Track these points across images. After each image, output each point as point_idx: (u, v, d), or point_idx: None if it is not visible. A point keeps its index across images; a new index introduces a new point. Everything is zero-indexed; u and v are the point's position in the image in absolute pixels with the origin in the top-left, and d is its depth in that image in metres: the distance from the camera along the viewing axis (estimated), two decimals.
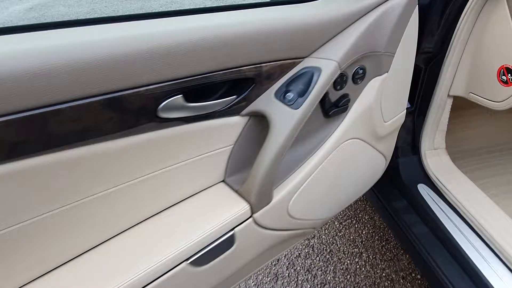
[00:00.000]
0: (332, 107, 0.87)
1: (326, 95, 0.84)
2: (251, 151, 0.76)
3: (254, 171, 0.72)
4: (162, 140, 0.67)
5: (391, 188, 1.43)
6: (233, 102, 0.71)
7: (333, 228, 1.81)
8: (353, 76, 0.87)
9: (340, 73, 0.84)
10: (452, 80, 1.27)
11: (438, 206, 1.28)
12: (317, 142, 0.89)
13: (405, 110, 1.10)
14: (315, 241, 1.76)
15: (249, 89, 0.71)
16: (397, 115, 1.07)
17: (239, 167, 0.80)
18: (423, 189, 1.35)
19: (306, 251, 1.71)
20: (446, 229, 1.20)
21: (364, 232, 1.79)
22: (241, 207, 0.75)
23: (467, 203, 1.22)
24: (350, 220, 1.85)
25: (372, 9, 0.83)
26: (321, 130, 0.89)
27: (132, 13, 0.64)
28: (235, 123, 0.75)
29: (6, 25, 0.59)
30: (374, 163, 1.10)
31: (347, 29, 0.81)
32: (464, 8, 1.13)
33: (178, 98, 0.62)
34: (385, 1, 0.85)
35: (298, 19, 0.73)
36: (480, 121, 1.75)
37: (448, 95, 1.31)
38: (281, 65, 0.74)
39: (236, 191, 0.78)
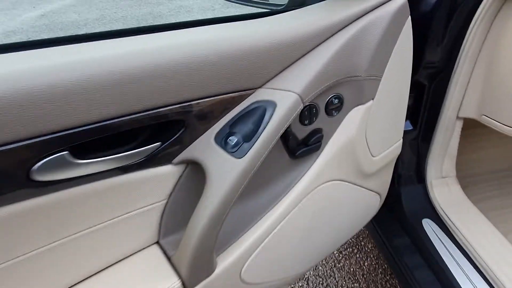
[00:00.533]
0: (300, 146, 0.71)
1: (289, 133, 0.68)
2: (190, 206, 0.60)
3: (187, 237, 0.57)
4: (65, 202, 0.52)
5: (391, 221, 1.24)
6: (157, 150, 0.55)
7: (331, 258, 1.63)
8: (326, 107, 0.71)
9: (308, 105, 0.67)
10: (462, 99, 1.08)
11: (445, 247, 1.09)
12: (281, 190, 0.72)
13: (401, 140, 0.92)
14: (311, 273, 1.58)
15: (178, 134, 0.56)
16: (390, 147, 0.89)
17: (176, 225, 0.64)
18: (428, 225, 1.16)
19: (300, 284, 1.54)
20: (454, 278, 1.01)
21: (366, 263, 1.61)
22: (171, 284, 0.60)
23: (480, 247, 1.03)
24: (351, 249, 1.67)
25: (348, 25, 0.66)
26: (286, 174, 0.73)
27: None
28: (167, 173, 0.59)
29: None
30: (363, 203, 0.92)
31: (314, 51, 0.64)
32: (474, 14, 0.94)
33: (63, 155, 0.48)
34: (364, 15, 0.67)
35: (247, 39, 0.57)
36: (494, 141, 1.53)
37: (457, 117, 1.11)
38: (223, 101, 0.58)
39: (169, 259, 0.63)
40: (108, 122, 0.48)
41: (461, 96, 1.07)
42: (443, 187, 1.20)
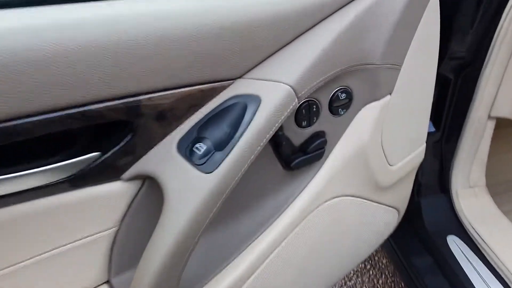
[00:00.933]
0: (297, 155, 0.55)
1: (281, 137, 0.53)
2: (150, 234, 0.46)
3: (137, 280, 0.42)
4: None
5: (410, 237, 1.08)
6: (96, 163, 0.41)
7: None
8: (330, 104, 0.55)
9: (307, 101, 0.52)
10: (495, 96, 0.91)
11: (474, 268, 0.93)
12: (273, 211, 0.57)
13: (424, 145, 0.76)
14: None
15: (125, 141, 0.41)
16: (411, 154, 0.73)
17: (132, 259, 0.50)
18: (454, 242, 0.99)
19: None
20: None
21: (380, 281, 1.44)
22: None
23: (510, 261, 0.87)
24: (363, 265, 1.50)
25: None
26: (280, 190, 0.58)
27: None
28: (116, 193, 0.45)
29: None
30: (378, 221, 0.76)
31: (312, 30, 0.49)
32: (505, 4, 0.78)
33: None
34: None
35: (222, 13, 0.42)
36: None
37: (489, 117, 0.95)
38: (188, 95, 0.43)
39: None
40: (15, 122, 0.34)
41: (494, 92, 0.91)
42: (471, 198, 1.03)
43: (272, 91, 0.45)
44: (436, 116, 1.00)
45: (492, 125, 0.96)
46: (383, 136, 0.64)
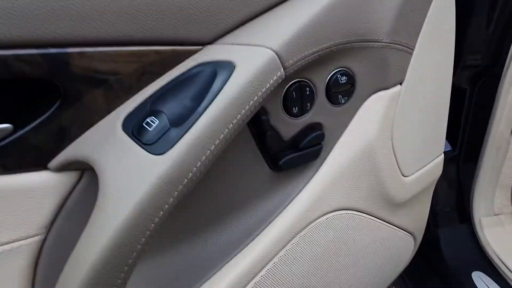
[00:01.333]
0: (287, 152, 0.44)
1: (265, 126, 0.42)
2: None
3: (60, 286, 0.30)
4: None
5: (428, 274, 0.93)
6: (7, 141, 0.30)
7: None
8: (328, 89, 0.45)
9: (298, 82, 0.42)
10: None
11: None
12: (255, 222, 0.45)
13: (442, 156, 0.65)
14: None
15: (50, 112, 0.31)
16: (428, 165, 0.61)
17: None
18: (481, 280, 0.84)
19: None
20: None
21: None
22: None
23: None
24: None
25: None
26: (265, 196, 0.46)
27: None
28: (41, 188, 0.33)
29: None
30: (390, 248, 0.63)
31: None
32: None
33: None
34: None
35: None
36: None
37: None
38: (142, 57, 0.33)
39: None
40: None
41: None
42: (497, 228, 0.89)
43: (250, 55, 0.35)
44: (451, 132, 0.89)
45: None
46: (394, 138, 0.52)
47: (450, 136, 0.90)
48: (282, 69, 0.36)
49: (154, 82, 0.35)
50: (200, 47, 0.37)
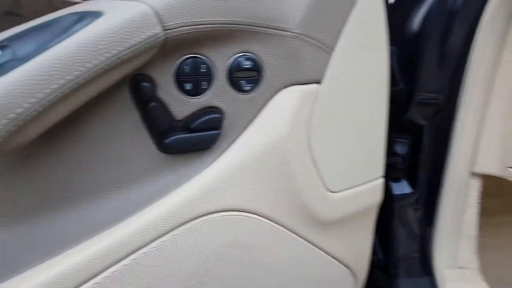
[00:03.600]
0: (176, 131, 0.40)
1: (150, 97, 0.38)
2: None
3: None
4: None
5: None
6: None
7: None
8: (230, 71, 0.42)
9: (192, 58, 0.40)
10: (475, 148, 0.77)
11: None
12: (135, 206, 0.39)
13: (382, 180, 0.60)
14: None
15: None
16: (362, 185, 0.56)
17: None
18: None
19: None
20: None
21: None
22: None
23: None
24: None
25: None
26: (152, 179, 0.41)
27: None
28: None
29: None
30: (322, 277, 0.56)
31: None
32: (475, 30, 0.70)
33: None
34: None
35: None
36: None
37: (472, 173, 0.79)
38: None
39: None
40: None
41: (472, 143, 0.76)
42: (461, 283, 0.80)
43: (122, 8, 0.33)
44: (411, 172, 0.84)
45: (477, 184, 0.79)
46: (313, 142, 0.48)
47: (410, 176, 0.85)
48: (161, 28, 0.34)
49: (21, 26, 0.33)
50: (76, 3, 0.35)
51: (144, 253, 0.39)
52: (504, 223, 1.12)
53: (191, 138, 0.41)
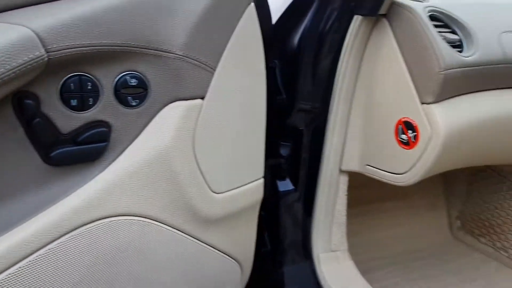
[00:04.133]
0: (61, 144, 0.43)
1: (34, 114, 0.41)
2: None
3: None
4: None
5: None
6: None
7: None
8: (117, 88, 0.46)
9: (77, 76, 0.42)
10: (342, 148, 0.91)
11: None
12: (19, 216, 0.41)
13: (262, 180, 0.69)
14: None
15: None
16: (245, 185, 0.64)
17: None
18: None
19: None
20: None
21: None
22: None
23: None
24: None
25: None
26: (37, 190, 0.43)
27: None
28: None
29: None
30: (209, 270, 0.62)
31: None
32: (341, 50, 0.83)
33: None
34: None
35: None
36: (397, 219, 1.37)
37: (340, 171, 0.93)
38: None
39: None
40: None
41: (341, 145, 0.90)
42: (333, 264, 0.95)
43: (4, 31, 0.35)
44: (293, 172, 0.96)
45: (345, 180, 0.94)
46: (197, 151, 0.55)
47: (292, 175, 0.97)
48: (44, 50, 0.37)
49: None
50: None
51: (30, 261, 0.41)
52: (369, 211, 1.33)
53: (78, 151, 0.43)
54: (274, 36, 0.89)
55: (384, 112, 0.81)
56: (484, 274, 1.21)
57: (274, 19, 0.92)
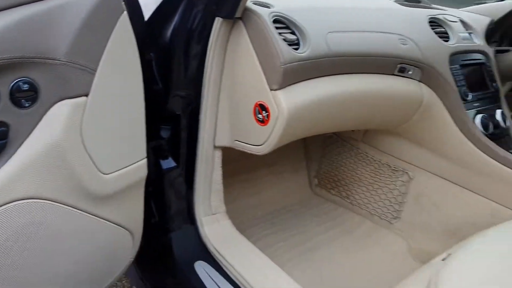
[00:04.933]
0: None
1: None
2: None
3: None
4: None
5: (162, 272, 1.07)
6: None
7: None
8: (11, 93, 0.54)
9: None
10: (215, 128, 1.08)
11: (218, 286, 0.98)
12: None
13: (145, 160, 0.81)
14: None
15: None
16: (129, 166, 0.76)
17: None
18: (201, 267, 1.04)
19: None
20: None
21: None
22: None
23: (255, 281, 0.96)
24: None
25: None
26: None
27: None
28: None
29: None
30: (104, 241, 0.74)
31: None
32: (208, 44, 0.98)
33: None
34: None
35: None
36: (265, 184, 1.63)
37: (215, 147, 1.10)
38: None
39: None
40: None
41: (213, 125, 1.07)
42: (214, 224, 1.13)
43: None
44: (174, 151, 1.10)
45: (219, 154, 1.11)
46: (86, 139, 0.65)
47: (173, 154, 1.11)
48: None
49: None
50: None
51: None
52: (243, 180, 1.56)
53: None
54: (147, 32, 1.00)
55: (245, 97, 1.00)
56: (333, 216, 1.55)
57: (147, 15, 1.02)
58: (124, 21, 0.69)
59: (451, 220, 1.27)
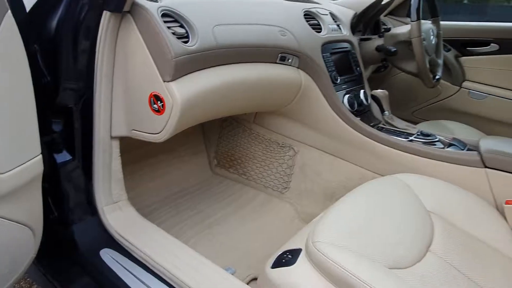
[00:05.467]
0: None
1: None
2: None
3: None
4: None
5: (67, 266, 1.09)
6: None
7: None
8: None
9: None
10: (110, 119, 1.10)
11: (126, 269, 1.04)
12: None
13: (40, 156, 0.82)
14: None
15: None
16: (25, 163, 0.77)
17: None
18: (107, 254, 1.08)
19: None
20: None
21: None
22: None
23: (157, 255, 1.03)
24: None
25: None
26: None
27: None
28: None
29: None
30: (4, 239, 0.74)
31: None
32: (97, 34, 0.99)
33: None
34: None
35: None
36: (167, 168, 1.69)
37: (112, 137, 1.13)
38: None
39: None
40: None
41: (108, 116, 1.09)
42: (116, 212, 1.17)
43: None
44: (68, 144, 1.09)
45: (117, 144, 1.14)
46: None
47: (68, 147, 1.10)
48: None
49: None
50: None
51: None
52: (145, 166, 1.60)
53: None
54: (29, 22, 0.97)
55: (139, 88, 1.04)
56: (231, 192, 1.69)
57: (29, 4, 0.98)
58: (8, 20, 0.69)
59: (329, 184, 1.51)
